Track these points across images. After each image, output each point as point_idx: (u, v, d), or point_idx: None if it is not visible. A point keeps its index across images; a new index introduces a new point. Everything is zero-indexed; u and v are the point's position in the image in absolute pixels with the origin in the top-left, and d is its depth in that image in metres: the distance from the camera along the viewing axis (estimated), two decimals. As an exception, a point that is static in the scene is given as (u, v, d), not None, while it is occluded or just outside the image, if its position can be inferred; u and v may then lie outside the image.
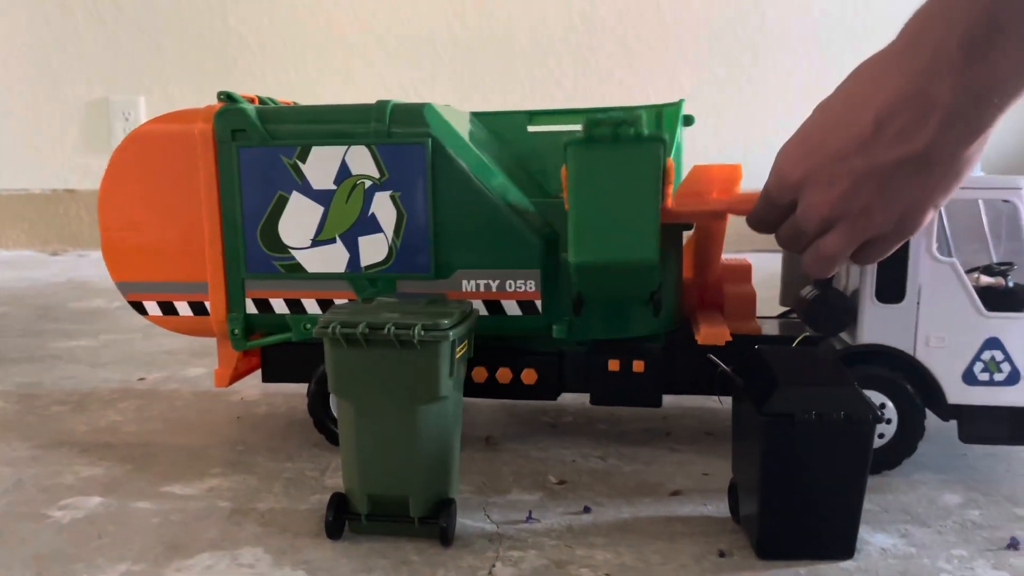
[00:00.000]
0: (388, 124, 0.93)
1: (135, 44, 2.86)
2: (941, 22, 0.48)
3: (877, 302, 0.89)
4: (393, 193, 0.94)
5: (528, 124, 1.15)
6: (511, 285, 0.95)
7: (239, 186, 0.97)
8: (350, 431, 0.78)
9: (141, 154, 0.99)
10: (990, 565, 0.74)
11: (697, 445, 1.03)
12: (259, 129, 0.96)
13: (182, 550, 0.77)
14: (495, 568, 0.74)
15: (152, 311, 1.03)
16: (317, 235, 0.97)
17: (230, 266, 0.99)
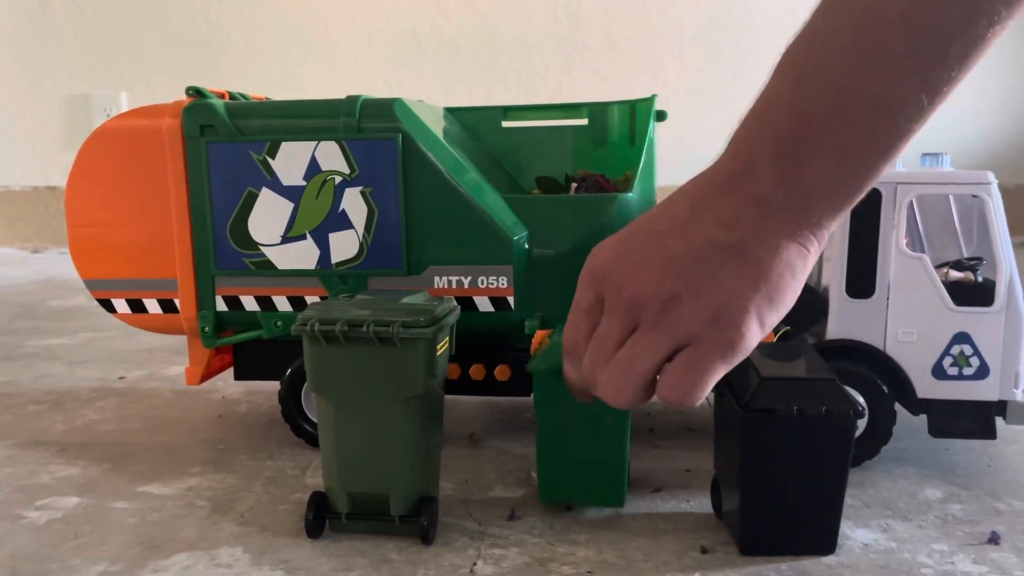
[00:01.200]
0: (358, 119, 0.92)
1: (116, 39, 2.82)
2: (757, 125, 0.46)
3: (847, 297, 0.90)
4: (364, 189, 0.93)
5: (503, 120, 1.15)
6: (483, 281, 0.94)
7: (208, 182, 0.95)
8: (330, 429, 0.77)
9: (108, 150, 0.97)
10: (970, 560, 0.74)
11: (679, 441, 1.03)
12: (228, 125, 0.94)
13: (159, 550, 0.76)
14: (476, 566, 0.73)
15: (121, 309, 1.01)
16: (287, 232, 0.96)
17: (200, 263, 0.97)
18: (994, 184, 0.87)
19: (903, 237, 0.88)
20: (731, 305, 0.43)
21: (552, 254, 0.93)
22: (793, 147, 0.43)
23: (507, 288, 0.94)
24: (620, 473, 0.78)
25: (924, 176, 0.88)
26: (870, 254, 0.88)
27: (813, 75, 0.41)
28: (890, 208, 0.87)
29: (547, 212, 0.95)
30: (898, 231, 0.87)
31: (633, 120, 1.11)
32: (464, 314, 0.94)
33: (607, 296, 0.48)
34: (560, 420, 0.77)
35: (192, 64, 2.81)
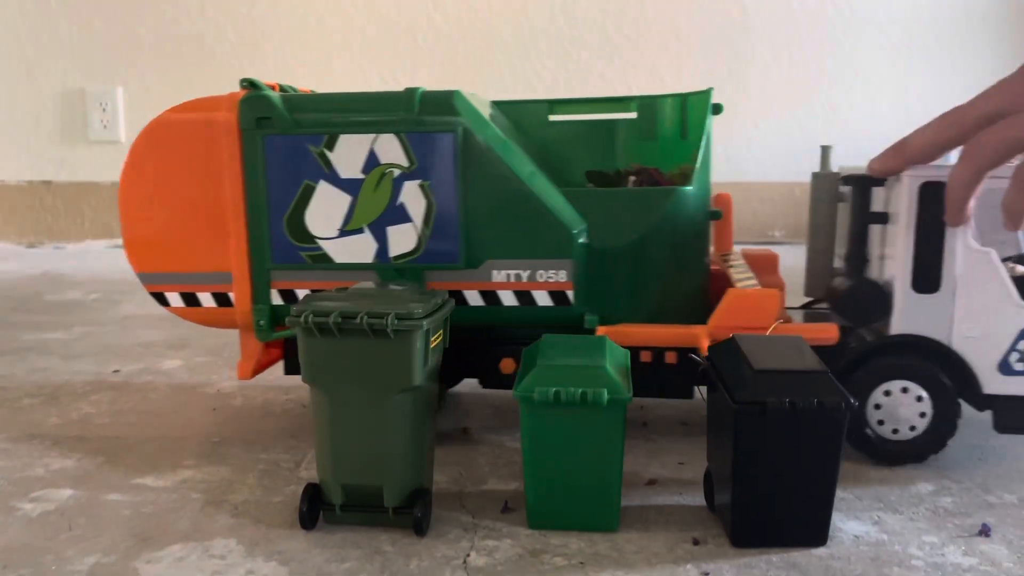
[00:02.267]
0: (417, 112, 0.92)
1: (111, 34, 2.82)
2: None
3: (913, 292, 0.89)
4: (422, 182, 0.93)
5: (549, 113, 1.14)
6: (542, 275, 0.94)
7: (264, 175, 0.95)
8: (324, 421, 0.77)
9: (162, 143, 0.97)
10: (960, 551, 0.74)
11: (673, 435, 1.03)
12: (285, 117, 0.94)
13: (153, 542, 0.76)
14: (469, 558, 0.73)
15: (174, 302, 1.00)
16: (345, 225, 0.95)
17: (255, 256, 0.97)
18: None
19: (971, 230, 0.87)
20: None
21: (611, 247, 0.93)
22: None
23: (566, 282, 0.93)
24: (612, 498, 0.77)
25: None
26: (937, 248, 0.87)
27: None
28: None
29: (605, 205, 0.94)
30: (966, 224, 0.87)
31: (684, 114, 1.10)
32: (522, 309, 0.94)
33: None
34: (550, 447, 0.76)
35: (188, 59, 2.80)
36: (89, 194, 2.82)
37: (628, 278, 0.94)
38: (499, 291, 0.95)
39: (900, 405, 0.90)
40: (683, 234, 0.94)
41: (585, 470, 0.77)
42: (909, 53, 2.75)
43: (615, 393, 0.74)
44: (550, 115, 1.14)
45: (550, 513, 0.78)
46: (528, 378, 0.76)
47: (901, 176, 0.88)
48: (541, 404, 0.75)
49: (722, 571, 0.71)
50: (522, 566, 0.72)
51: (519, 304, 0.95)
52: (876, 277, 0.94)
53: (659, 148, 1.13)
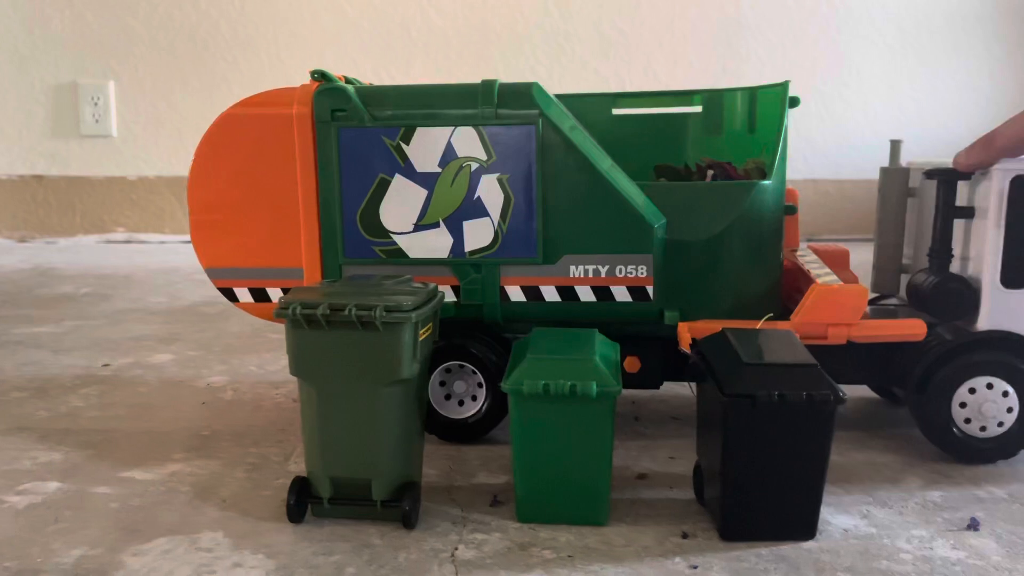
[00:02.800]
0: (496, 105, 0.91)
1: (104, 27, 2.80)
2: None
3: (1002, 287, 0.88)
4: (500, 176, 0.92)
5: (612, 107, 1.13)
6: (621, 270, 0.92)
7: (338, 169, 0.93)
8: (312, 413, 0.77)
9: (232, 137, 0.95)
10: (949, 545, 0.74)
11: (665, 429, 1.03)
12: (360, 109, 0.92)
13: (140, 535, 0.76)
14: (457, 551, 0.73)
15: (243, 297, 0.99)
16: (420, 219, 0.94)
17: (327, 251, 0.95)
18: None
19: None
20: None
21: (691, 242, 0.92)
22: None
23: (646, 277, 0.92)
24: (602, 491, 0.77)
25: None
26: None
27: None
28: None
29: (685, 199, 0.93)
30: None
31: (753, 107, 1.09)
32: (601, 304, 0.93)
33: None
34: (540, 440, 0.76)
35: (181, 53, 2.79)
36: (81, 188, 2.81)
37: (707, 273, 0.93)
38: (577, 286, 0.94)
39: (986, 401, 0.89)
40: (762, 228, 0.93)
41: (574, 463, 0.76)
42: (903, 51, 2.75)
43: (604, 386, 0.74)
44: (614, 109, 1.13)
45: (539, 506, 0.78)
46: (517, 371, 0.76)
47: (990, 170, 0.87)
48: (530, 397, 0.75)
49: (711, 564, 0.71)
50: (510, 559, 0.72)
51: (596, 300, 0.93)
52: (960, 273, 0.92)
53: (726, 142, 1.12)
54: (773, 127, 1.00)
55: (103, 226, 2.80)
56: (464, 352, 0.95)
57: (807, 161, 2.80)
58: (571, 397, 0.74)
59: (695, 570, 0.70)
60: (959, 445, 0.90)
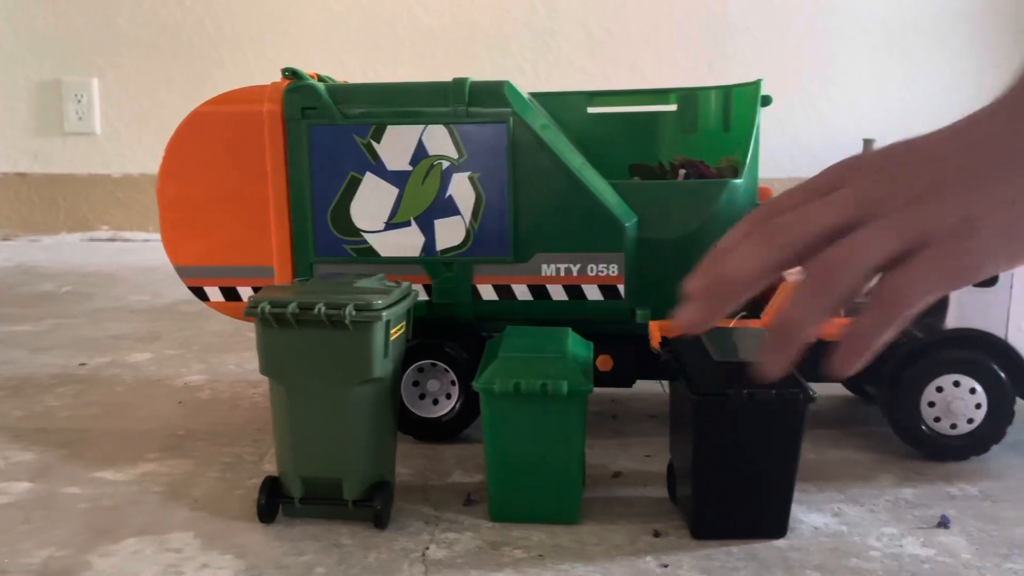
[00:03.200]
0: (467, 103, 0.91)
1: (87, 24, 2.78)
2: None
3: (970, 286, 0.89)
4: (472, 174, 0.92)
5: (588, 105, 1.13)
6: (593, 269, 0.92)
7: (309, 166, 0.93)
8: (282, 413, 0.76)
9: (202, 135, 0.95)
10: (919, 543, 0.75)
11: (642, 428, 1.03)
12: (331, 107, 0.92)
13: (109, 535, 0.75)
14: (428, 550, 0.73)
15: (214, 296, 0.98)
16: (391, 218, 0.93)
17: (298, 250, 0.95)
18: None
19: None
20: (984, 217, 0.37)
21: (662, 241, 0.92)
22: None
23: (618, 276, 0.92)
24: (574, 490, 0.77)
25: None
26: None
27: None
28: None
29: (657, 198, 0.93)
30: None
31: (728, 106, 1.09)
32: (572, 303, 0.93)
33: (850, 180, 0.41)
34: (511, 439, 0.76)
35: (166, 50, 2.77)
36: (64, 186, 2.79)
37: (679, 271, 0.93)
38: (548, 285, 0.93)
39: (954, 399, 0.89)
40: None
41: (546, 462, 0.76)
42: (888, 51, 2.76)
43: (575, 384, 0.74)
44: (589, 107, 1.13)
45: (512, 505, 0.78)
46: (489, 370, 0.76)
47: None
48: (502, 396, 0.75)
49: (681, 563, 0.71)
50: (481, 558, 0.72)
51: (568, 299, 0.93)
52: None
53: (700, 141, 1.12)
54: (748, 126, 1.00)
55: (87, 224, 2.78)
56: (436, 351, 0.95)
57: (794, 160, 2.80)
58: (542, 396, 0.74)
59: (666, 569, 0.70)
60: (930, 443, 0.91)
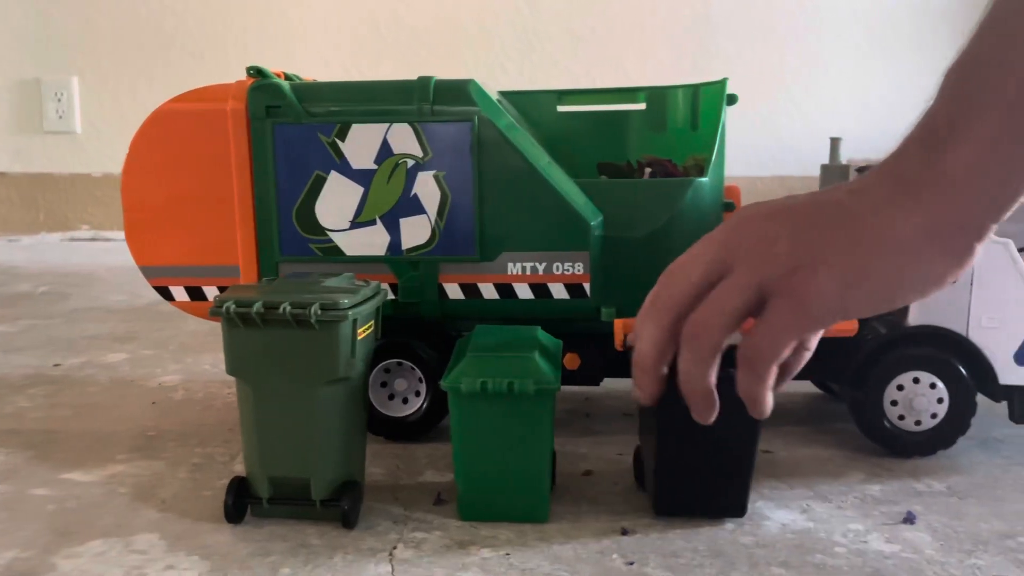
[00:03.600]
0: (432, 101, 0.90)
1: (66, 22, 2.76)
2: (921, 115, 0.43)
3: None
4: (437, 173, 0.91)
5: (557, 104, 1.12)
6: (559, 267, 0.92)
7: (273, 165, 0.93)
8: (249, 413, 0.76)
9: (166, 133, 0.94)
10: (884, 539, 0.75)
11: (614, 426, 1.04)
12: (296, 106, 0.92)
13: (74, 537, 0.75)
14: (396, 550, 0.73)
15: (179, 296, 0.98)
16: (357, 216, 0.93)
17: (263, 249, 0.95)
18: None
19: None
20: (822, 262, 0.40)
21: (627, 239, 0.92)
22: (939, 124, 0.40)
23: (583, 274, 0.92)
24: (542, 488, 0.77)
25: None
26: None
27: (969, 61, 0.39)
28: None
29: (622, 197, 0.93)
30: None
31: (696, 105, 1.09)
32: (538, 302, 0.93)
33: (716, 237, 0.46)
34: (479, 438, 0.76)
35: (146, 48, 2.75)
36: (44, 186, 2.77)
37: (645, 270, 0.93)
38: (515, 284, 0.93)
39: (916, 396, 0.90)
40: (699, 225, 0.93)
41: (514, 461, 0.76)
42: (870, 49, 2.77)
43: (542, 383, 0.74)
44: (559, 106, 1.13)
45: (481, 504, 0.78)
46: (456, 369, 0.76)
47: None
48: (469, 395, 0.75)
49: (647, 560, 0.71)
50: (448, 558, 0.71)
51: (535, 297, 0.93)
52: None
53: (670, 139, 1.12)
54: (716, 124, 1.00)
55: (67, 224, 2.76)
56: (403, 350, 0.95)
57: (775, 158, 2.81)
58: (509, 395, 0.74)
59: (631, 566, 0.70)
60: (897, 441, 0.92)
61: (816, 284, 0.41)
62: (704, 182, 0.93)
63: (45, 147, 2.77)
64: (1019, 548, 0.73)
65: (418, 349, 0.95)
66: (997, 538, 0.75)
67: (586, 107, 1.12)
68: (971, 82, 0.39)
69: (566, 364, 0.95)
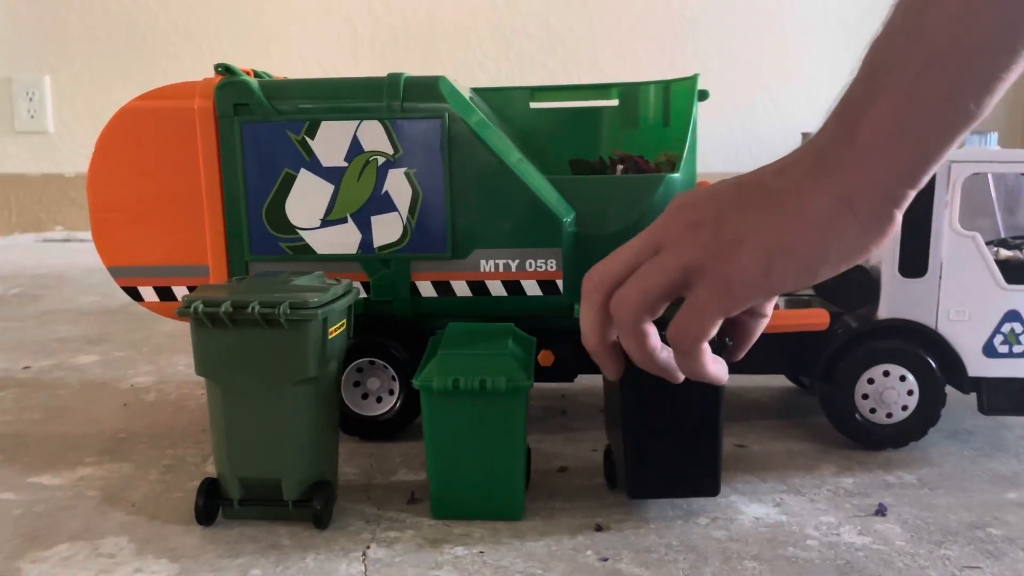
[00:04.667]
0: (402, 98, 0.90)
1: (38, 19, 2.72)
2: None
3: (900, 276, 0.90)
4: (408, 170, 0.91)
5: (530, 100, 1.12)
6: (531, 264, 0.92)
7: (242, 164, 0.92)
8: (218, 413, 0.75)
9: (132, 132, 0.93)
10: (856, 531, 0.75)
11: (590, 422, 1.03)
12: (264, 104, 0.91)
13: (40, 541, 0.74)
14: (369, 549, 0.72)
15: (148, 297, 0.96)
16: (327, 215, 0.92)
17: (233, 248, 0.93)
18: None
19: (956, 215, 0.88)
20: (744, 242, 0.42)
21: (600, 235, 0.91)
22: (855, 95, 0.42)
23: (556, 271, 0.92)
24: (515, 486, 0.77)
25: (977, 154, 0.88)
26: (923, 233, 0.88)
27: (884, 32, 0.40)
28: (943, 187, 0.88)
29: (594, 193, 0.93)
30: (951, 210, 0.88)
31: (667, 101, 1.09)
32: (511, 299, 0.92)
33: (653, 224, 0.49)
34: (452, 436, 0.75)
35: (119, 46, 2.72)
36: (16, 186, 2.73)
37: None
38: (487, 281, 0.93)
39: (886, 389, 0.91)
40: None
41: (487, 459, 0.76)
42: (847, 48, 2.79)
43: (514, 381, 0.74)
44: (531, 102, 1.13)
45: (454, 503, 0.78)
46: (428, 367, 0.75)
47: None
48: (440, 393, 0.74)
49: (621, 556, 0.71)
50: (421, 556, 0.71)
51: (507, 294, 0.93)
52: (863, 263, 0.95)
53: (642, 136, 1.12)
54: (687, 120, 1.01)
55: (40, 224, 2.73)
56: (376, 348, 0.95)
57: (752, 154, 2.83)
58: (481, 392, 0.74)
59: (605, 563, 0.70)
60: (867, 434, 0.93)
61: (738, 263, 0.43)
62: (676, 178, 0.93)
63: (17, 147, 2.73)
64: (988, 538, 0.74)
65: (391, 348, 0.94)
66: (966, 528, 0.76)
67: (559, 104, 1.12)
68: (885, 52, 0.41)
69: (540, 361, 0.95)
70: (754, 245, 0.42)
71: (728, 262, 0.43)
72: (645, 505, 0.80)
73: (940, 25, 0.38)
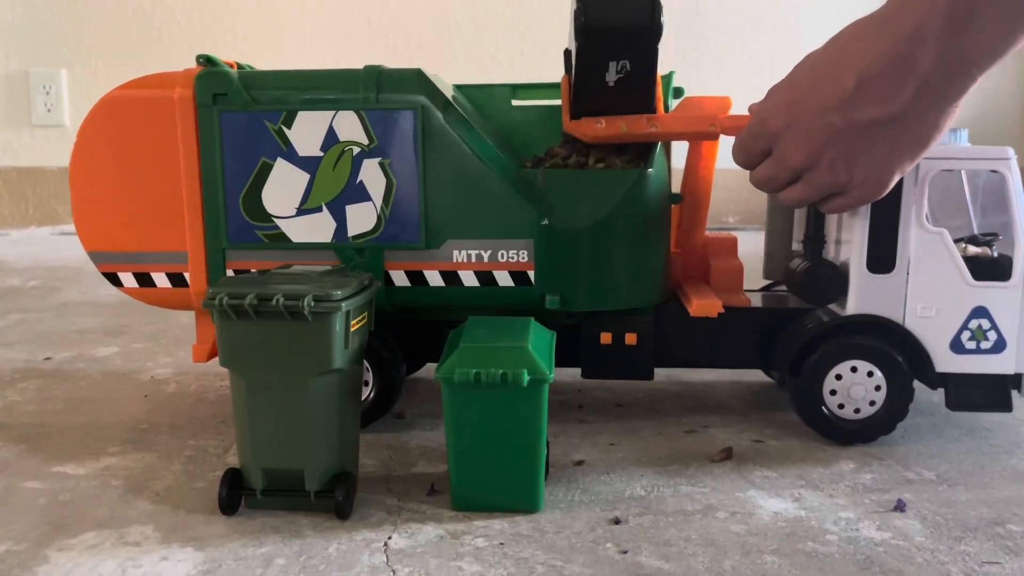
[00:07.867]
0: (377, 90, 0.91)
1: (55, 15, 2.74)
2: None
3: (868, 272, 0.90)
4: (382, 160, 0.92)
5: (512, 98, 1.13)
6: (503, 255, 0.93)
7: (220, 153, 0.93)
8: (242, 404, 0.76)
9: (113, 120, 0.95)
10: (875, 526, 0.76)
11: (607, 416, 1.04)
12: (242, 93, 0.92)
13: (67, 529, 0.75)
14: (391, 540, 0.73)
15: (127, 282, 0.98)
16: (303, 204, 0.94)
17: (210, 236, 0.95)
18: (1014, 160, 0.89)
19: (924, 212, 0.89)
20: (882, 171, 0.57)
21: (572, 228, 0.93)
22: (964, 17, 0.48)
23: (528, 262, 0.93)
24: (535, 479, 0.77)
25: (946, 151, 0.89)
26: (891, 229, 0.89)
27: None
28: (912, 183, 0.88)
29: (566, 186, 0.94)
30: (919, 206, 0.88)
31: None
32: (483, 289, 0.94)
33: (777, 154, 0.65)
34: (473, 428, 0.76)
35: (134, 41, 2.74)
36: (33, 179, 2.75)
37: (589, 259, 0.94)
38: (460, 271, 0.94)
39: (853, 384, 0.91)
40: (644, 216, 0.94)
41: (508, 451, 0.77)
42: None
43: (536, 374, 0.74)
44: (513, 99, 1.13)
45: (474, 495, 0.78)
46: (450, 359, 0.76)
47: None
48: (462, 385, 0.75)
49: (640, 549, 0.71)
50: (442, 547, 0.72)
51: (480, 284, 0.94)
52: (833, 258, 0.95)
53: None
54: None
55: (57, 217, 2.75)
56: None
57: (766, 150, 2.82)
58: (503, 385, 0.74)
59: (625, 555, 0.71)
60: (835, 429, 0.93)
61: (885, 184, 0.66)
62: (649, 173, 0.94)
63: (34, 141, 2.75)
64: (1007, 535, 0.74)
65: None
66: (986, 525, 0.76)
67: (539, 101, 1.12)
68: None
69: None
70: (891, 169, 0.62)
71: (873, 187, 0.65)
72: (663, 499, 0.80)
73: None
